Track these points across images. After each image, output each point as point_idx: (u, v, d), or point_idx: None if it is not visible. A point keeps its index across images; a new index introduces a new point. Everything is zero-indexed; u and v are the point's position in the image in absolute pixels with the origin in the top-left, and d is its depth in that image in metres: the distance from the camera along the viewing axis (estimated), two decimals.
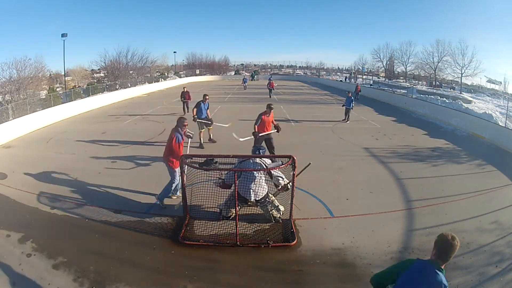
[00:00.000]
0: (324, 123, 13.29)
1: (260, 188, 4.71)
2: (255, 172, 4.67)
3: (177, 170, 5.28)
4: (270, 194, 4.97)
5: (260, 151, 4.98)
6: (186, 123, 5.48)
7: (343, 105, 14.08)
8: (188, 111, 13.73)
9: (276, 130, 7.92)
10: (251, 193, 4.67)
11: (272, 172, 4.77)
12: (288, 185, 4.93)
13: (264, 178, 4.80)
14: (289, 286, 3.67)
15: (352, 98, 13.75)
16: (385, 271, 2.26)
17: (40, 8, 50.71)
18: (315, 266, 4.00)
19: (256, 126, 7.65)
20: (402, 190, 6.35)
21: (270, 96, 21.90)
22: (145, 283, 3.69)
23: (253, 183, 4.68)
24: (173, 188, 5.57)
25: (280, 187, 4.90)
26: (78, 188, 6.32)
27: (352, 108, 13.70)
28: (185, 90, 14.99)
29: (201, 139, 9.38)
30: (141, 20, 67.60)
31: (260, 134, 7.65)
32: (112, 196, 5.95)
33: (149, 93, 26.37)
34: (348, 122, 13.52)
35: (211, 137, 9.78)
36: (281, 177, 4.87)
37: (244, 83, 30.61)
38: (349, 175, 7.13)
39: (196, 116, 9.20)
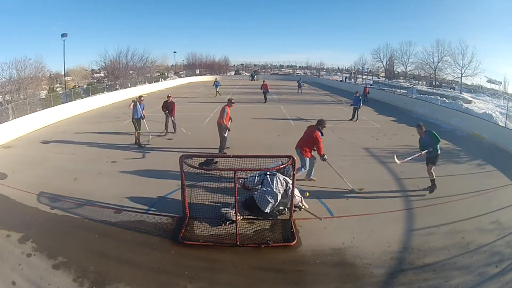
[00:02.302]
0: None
1: (276, 203, 4.93)
2: (276, 189, 4.89)
3: (307, 159, 6.47)
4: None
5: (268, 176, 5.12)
6: (325, 125, 6.66)
7: (351, 105, 14.31)
8: (175, 130, 11.04)
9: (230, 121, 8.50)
10: (268, 205, 4.87)
11: (289, 191, 4.92)
12: (302, 205, 5.25)
13: (281, 196, 4.97)
14: (289, 286, 3.67)
15: (360, 98, 13.99)
16: None
17: (40, 8, 50.65)
18: (315, 266, 4.00)
19: (224, 120, 8.11)
20: (402, 190, 6.35)
21: (265, 101, 19.53)
22: (145, 283, 3.69)
23: (272, 198, 4.86)
24: (303, 173, 6.52)
25: (297, 202, 5.08)
26: (78, 188, 6.32)
27: (360, 107, 13.90)
28: (170, 100, 10.97)
29: (138, 140, 9.43)
30: (141, 20, 67.47)
31: (228, 126, 8.23)
32: (112, 196, 5.94)
33: (149, 93, 26.34)
34: (357, 121, 13.73)
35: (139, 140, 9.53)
36: (296, 195, 5.00)
37: (216, 87, 23.27)
38: (349, 175, 7.11)
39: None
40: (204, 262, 4.06)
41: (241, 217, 4.94)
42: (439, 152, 6.21)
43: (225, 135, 8.28)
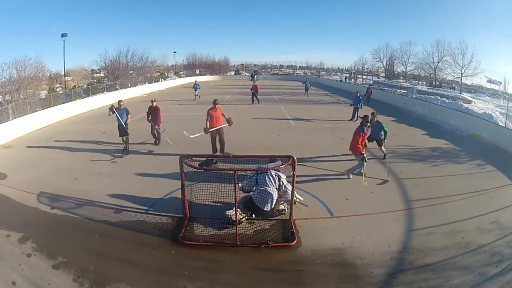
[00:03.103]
0: (324, 123, 13.29)
1: (274, 200, 4.94)
2: (270, 189, 4.89)
3: (358, 156, 6.77)
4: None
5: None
6: (367, 121, 6.89)
7: (351, 105, 14.22)
8: (159, 141, 9.62)
9: (228, 124, 8.10)
10: (267, 204, 4.88)
11: (281, 186, 4.95)
12: (297, 200, 5.24)
13: (277, 192, 4.98)
14: (289, 286, 3.67)
15: (361, 97, 13.88)
16: None
17: (40, 8, 50.60)
18: (315, 266, 4.00)
19: (207, 122, 7.88)
20: (402, 190, 6.35)
21: (252, 101, 18.65)
22: (145, 283, 3.70)
23: (269, 196, 4.87)
24: (358, 170, 6.79)
25: (287, 195, 5.04)
26: (78, 188, 6.32)
27: (361, 108, 13.82)
28: (154, 105, 9.50)
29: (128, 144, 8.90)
30: (141, 20, 67.28)
31: (210, 130, 7.87)
32: (112, 196, 5.94)
33: (149, 93, 26.35)
34: (357, 121, 13.58)
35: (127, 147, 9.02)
36: (287, 189, 4.98)
37: (195, 90, 21.07)
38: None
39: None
40: (204, 262, 4.06)
41: (244, 216, 4.94)
42: (386, 136, 7.98)
43: (203, 133, 8.00)
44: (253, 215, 5.02)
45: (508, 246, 4.39)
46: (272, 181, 4.92)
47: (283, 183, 4.93)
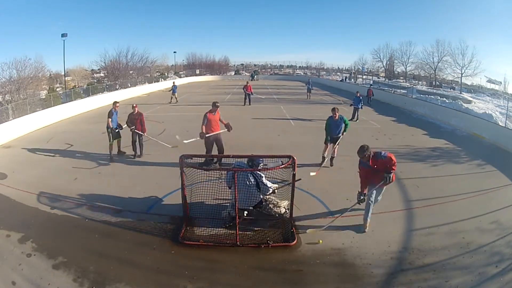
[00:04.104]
0: (324, 123, 13.23)
1: (252, 196, 4.80)
2: (249, 189, 4.77)
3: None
4: (266, 196, 5.03)
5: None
6: (362, 157, 4.88)
7: (351, 105, 14.23)
8: (141, 153, 8.39)
9: (226, 129, 7.53)
10: (248, 205, 4.78)
11: (260, 183, 4.84)
12: (276, 190, 5.09)
13: (254, 187, 4.85)
14: (289, 286, 3.67)
15: (361, 98, 13.88)
16: None
17: (40, 8, 50.73)
18: (315, 266, 4.00)
19: (203, 127, 7.18)
20: (402, 190, 6.35)
21: (245, 103, 17.95)
22: (145, 283, 3.69)
23: (245, 194, 4.75)
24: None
25: (269, 193, 4.98)
26: (78, 188, 6.32)
27: (361, 108, 13.82)
28: (136, 111, 8.33)
29: (112, 151, 8.30)
30: (141, 20, 67.62)
31: (207, 135, 7.23)
32: (112, 196, 5.94)
33: (149, 93, 26.36)
34: (357, 121, 13.62)
35: (120, 149, 8.68)
36: (267, 186, 4.89)
37: (173, 93, 19.62)
38: (349, 175, 7.10)
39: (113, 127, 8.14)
40: (204, 262, 4.06)
41: (244, 213, 4.92)
42: (346, 129, 7.64)
43: (198, 138, 7.44)
44: (245, 213, 4.95)
45: (508, 246, 4.39)
46: (247, 181, 4.78)
47: (261, 181, 4.81)
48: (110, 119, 8.16)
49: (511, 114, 12.82)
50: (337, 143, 7.69)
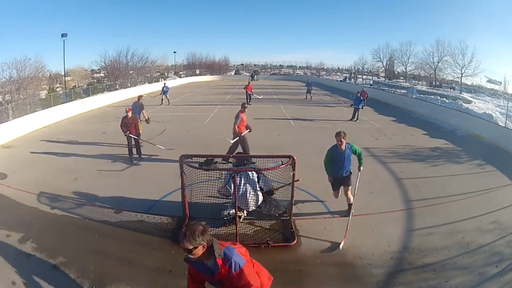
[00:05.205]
0: (324, 123, 13.29)
1: (255, 196, 4.81)
2: (249, 188, 4.76)
3: None
4: (267, 196, 5.04)
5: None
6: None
7: (351, 105, 14.28)
8: (139, 156, 8.21)
9: (248, 130, 7.90)
10: (249, 205, 4.78)
11: (260, 176, 4.85)
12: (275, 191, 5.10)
13: (257, 186, 4.86)
14: (289, 286, 3.67)
15: (361, 98, 13.93)
16: None
17: (40, 8, 50.65)
18: (315, 266, 4.00)
19: (237, 127, 7.47)
20: (402, 190, 6.35)
21: (247, 102, 17.48)
22: (145, 283, 3.69)
23: (248, 194, 4.75)
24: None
25: (270, 187, 4.99)
26: (78, 188, 6.32)
27: (362, 108, 13.86)
28: (130, 115, 8.04)
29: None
30: (141, 20, 67.37)
31: (242, 134, 7.57)
32: (112, 196, 5.94)
33: (149, 93, 26.30)
34: (357, 121, 13.64)
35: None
36: (267, 179, 4.91)
37: (164, 94, 18.40)
38: None
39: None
40: None
41: (243, 214, 4.93)
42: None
43: (232, 141, 7.62)
44: (245, 213, 4.98)
45: (508, 246, 4.39)
46: (250, 177, 4.76)
47: (262, 174, 4.82)
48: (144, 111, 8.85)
49: (511, 114, 12.83)
50: (349, 185, 5.11)
